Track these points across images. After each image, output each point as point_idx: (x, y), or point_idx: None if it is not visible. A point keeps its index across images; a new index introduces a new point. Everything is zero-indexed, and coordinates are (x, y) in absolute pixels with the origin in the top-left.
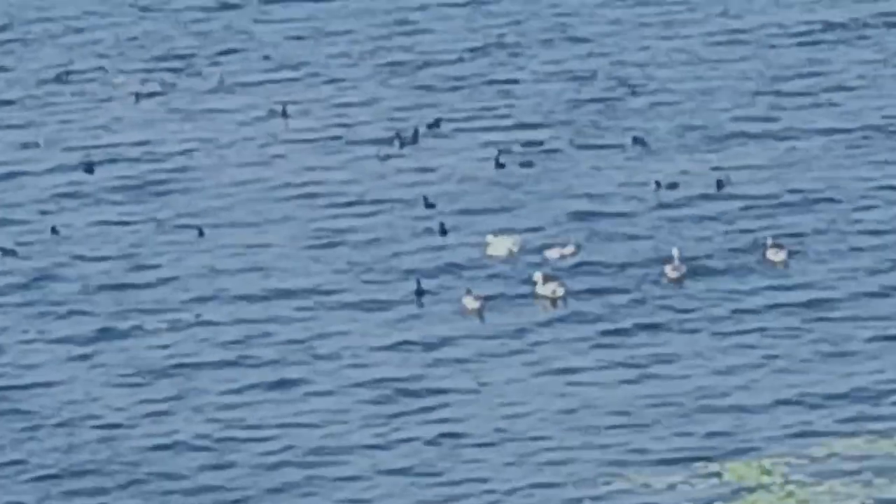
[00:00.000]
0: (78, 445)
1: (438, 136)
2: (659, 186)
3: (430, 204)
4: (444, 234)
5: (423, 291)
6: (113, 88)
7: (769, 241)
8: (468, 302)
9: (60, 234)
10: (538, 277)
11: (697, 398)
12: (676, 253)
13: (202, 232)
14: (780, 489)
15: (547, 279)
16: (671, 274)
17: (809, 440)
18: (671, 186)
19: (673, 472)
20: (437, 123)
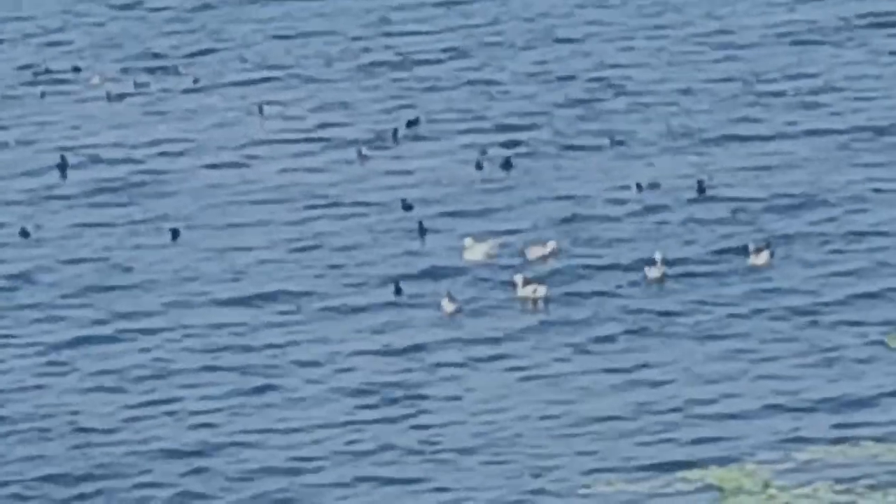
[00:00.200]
0: (53, 452)
1: (418, 137)
2: (640, 188)
3: (407, 205)
4: (423, 234)
5: (400, 290)
6: (87, 89)
7: (751, 245)
8: (447, 305)
9: (31, 236)
10: (518, 280)
11: (680, 403)
12: (659, 258)
13: (176, 234)
14: (762, 494)
15: (527, 282)
16: (652, 274)
17: (793, 445)
18: (652, 187)
19: (655, 478)
20: (416, 122)
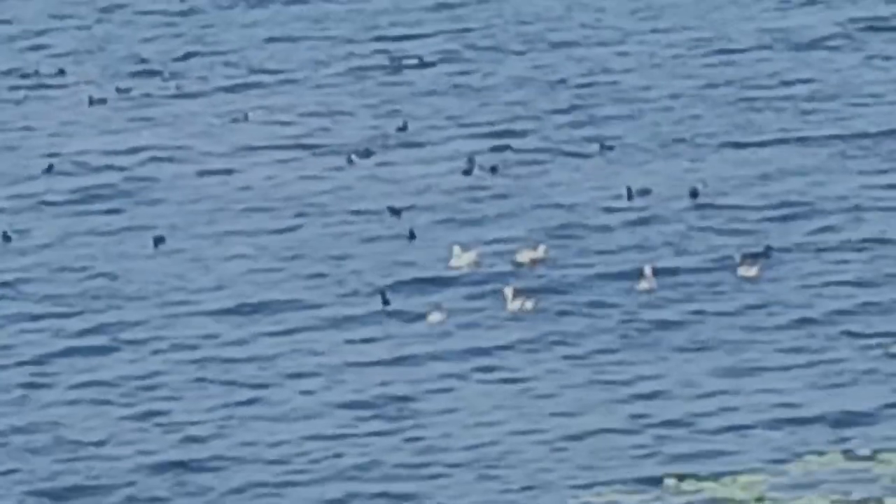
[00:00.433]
0: (38, 466)
1: (406, 143)
2: (631, 194)
3: (395, 211)
4: (412, 238)
5: (388, 301)
6: (71, 93)
7: (738, 258)
8: (435, 317)
9: (12, 241)
10: (508, 291)
11: (673, 416)
12: (649, 271)
13: (159, 241)
14: None
15: (516, 293)
16: (642, 286)
17: (786, 458)
18: (643, 193)
19: (645, 490)
20: (404, 128)
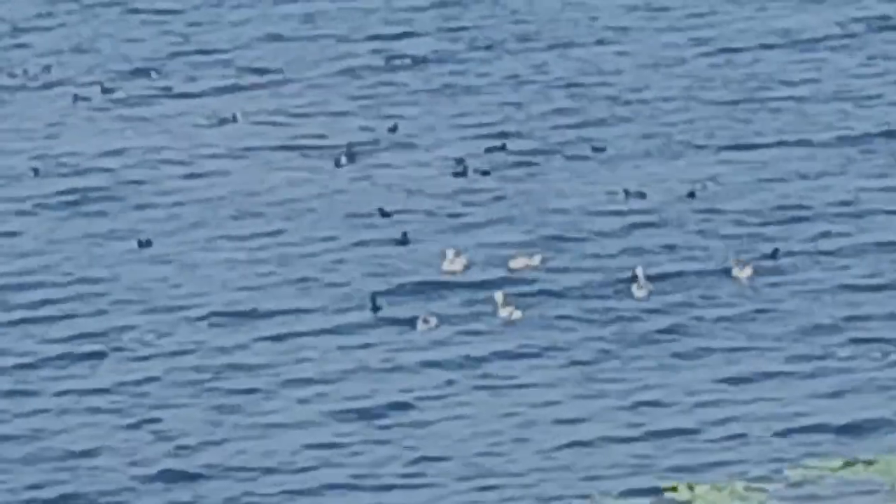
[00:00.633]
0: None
1: (397, 145)
2: (628, 195)
3: (386, 214)
4: (405, 243)
5: (378, 308)
6: (55, 94)
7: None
8: (424, 324)
9: None
10: (499, 297)
11: (669, 422)
12: (641, 272)
13: (143, 245)
14: None
15: (507, 299)
16: (637, 293)
17: (785, 465)
18: (639, 196)
19: (643, 498)
20: (395, 128)
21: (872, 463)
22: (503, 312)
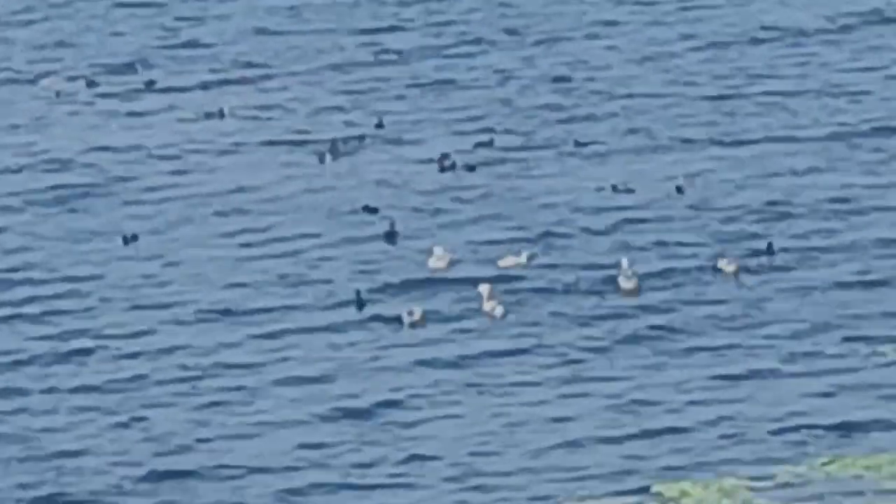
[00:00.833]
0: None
1: (382, 140)
2: (616, 191)
3: (371, 209)
4: (393, 237)
5: (363, 303)
6: (40, 89)
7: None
8: (410, 317)
9: None
10: (484, 290)
11: (657, 419)
12: (625, 263)
13: (128, 241)
14: None
15: (491, 293)
16: (625, 285)
17: (774, 464)
18: (627, 191)
19: (630, 495)
20: (381, 124)
21: (862, 462)
22: (487, 306)
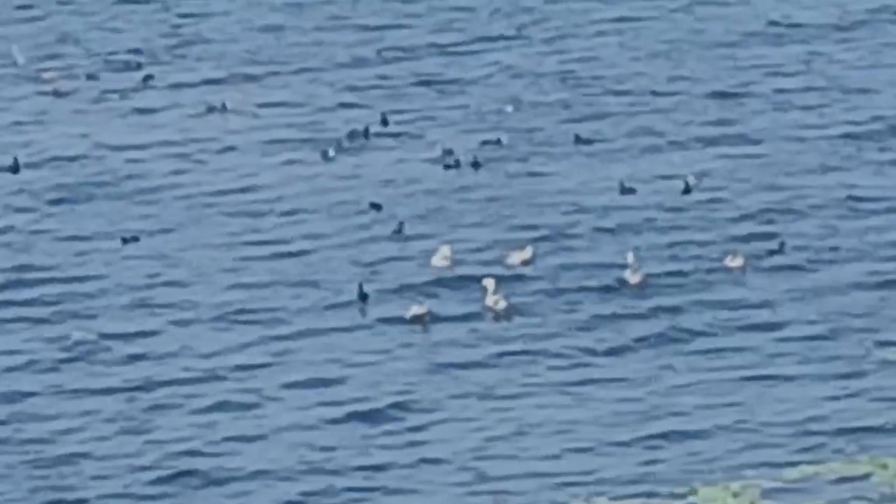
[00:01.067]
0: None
1: (386, 137)
2: (623, 188)
3: (376, 206)
4: (399, 235)
5: (366, 296)
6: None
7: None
8: (413, 314)
9: None
10: (488, 283)
11: (664, 420)
12: (631, 258)
13: (128, 241)
14: None
15: (495, 287)
16: (632, 279)
17: (781, 464)
18: (634, 190)
19: (638, 497)
20: (385, 121)
21: (873, 464)
22: (490, 300)
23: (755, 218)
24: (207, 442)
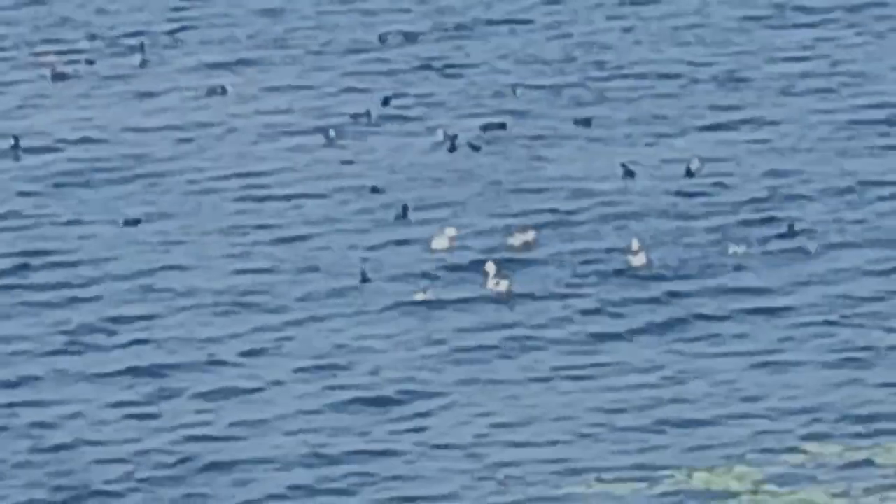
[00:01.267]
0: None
1: (387, 120)
2: (627, 171)
3: (377, 189)
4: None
5: (367, 279)
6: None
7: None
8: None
9: None
10: (489, 268)
11: (666, 403)
12: (636, 244)
13: (129, 223)
14: (752, 498)
15: (497, 270)
16: (635, 262)
17: (780, 447)
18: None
19: (639, 480)
20: (387, 102)
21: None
22: (491, 283)
23: (761, 203)
24: (211, 428)
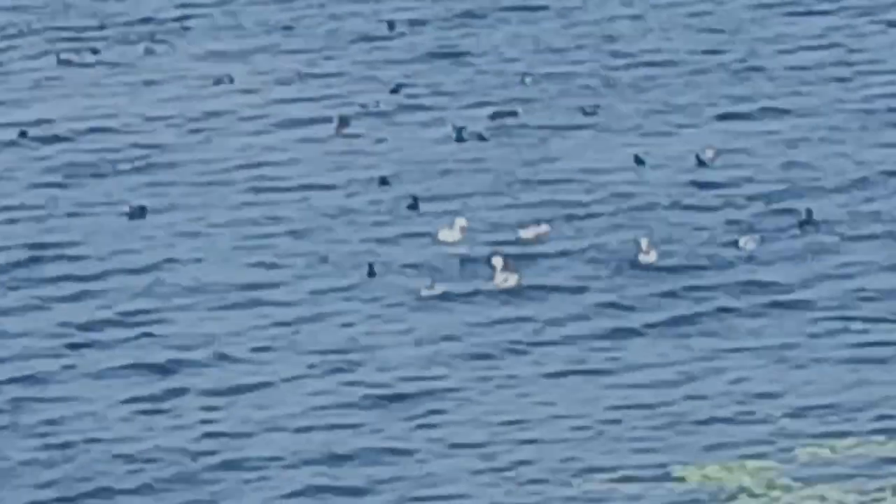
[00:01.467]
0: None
1: (396, 110)
2: (639, 161)
3: (385, 181)
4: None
5: (374, 273)
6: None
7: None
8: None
9: None
10: (497, 262)
11: (679, 399)
12: (645, 243)
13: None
14: (764, 494)
15: (506, 264)
16: (644, 259)
17: (794, 443)
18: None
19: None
20: (396, 90)
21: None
22: (499, 278)
23: (775, 194)
24: (221, 425)
